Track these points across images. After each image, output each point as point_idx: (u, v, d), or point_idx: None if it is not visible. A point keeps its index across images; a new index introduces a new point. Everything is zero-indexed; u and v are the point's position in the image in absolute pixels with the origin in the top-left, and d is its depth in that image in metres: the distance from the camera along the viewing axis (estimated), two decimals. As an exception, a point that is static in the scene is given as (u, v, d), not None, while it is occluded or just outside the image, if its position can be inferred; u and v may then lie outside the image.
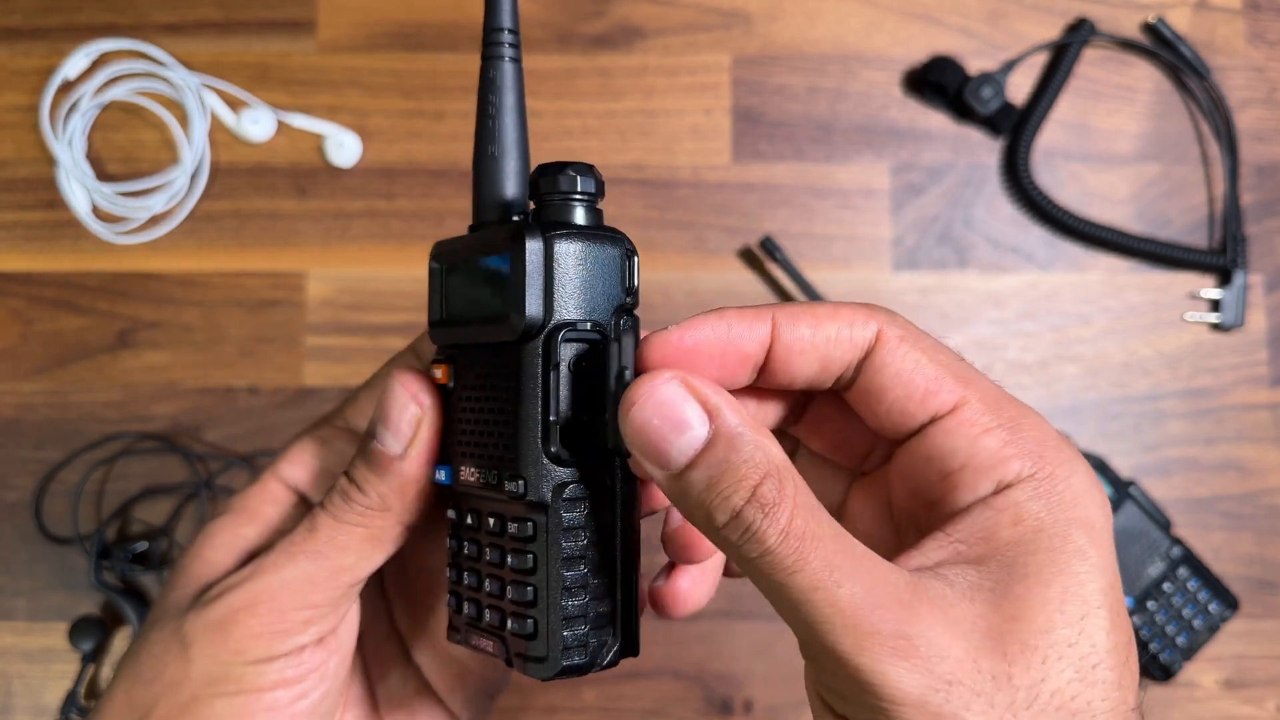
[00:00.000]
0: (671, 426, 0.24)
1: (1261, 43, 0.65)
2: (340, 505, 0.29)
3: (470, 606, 0.29)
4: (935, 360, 0.26)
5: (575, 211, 0.27)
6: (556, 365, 0.26)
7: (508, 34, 0.29)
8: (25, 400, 0.63)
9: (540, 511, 0.26)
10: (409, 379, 0.29)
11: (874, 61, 0.64)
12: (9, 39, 0.65)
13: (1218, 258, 0.62)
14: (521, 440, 0.26)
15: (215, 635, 0.29)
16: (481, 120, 0.29)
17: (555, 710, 0.60)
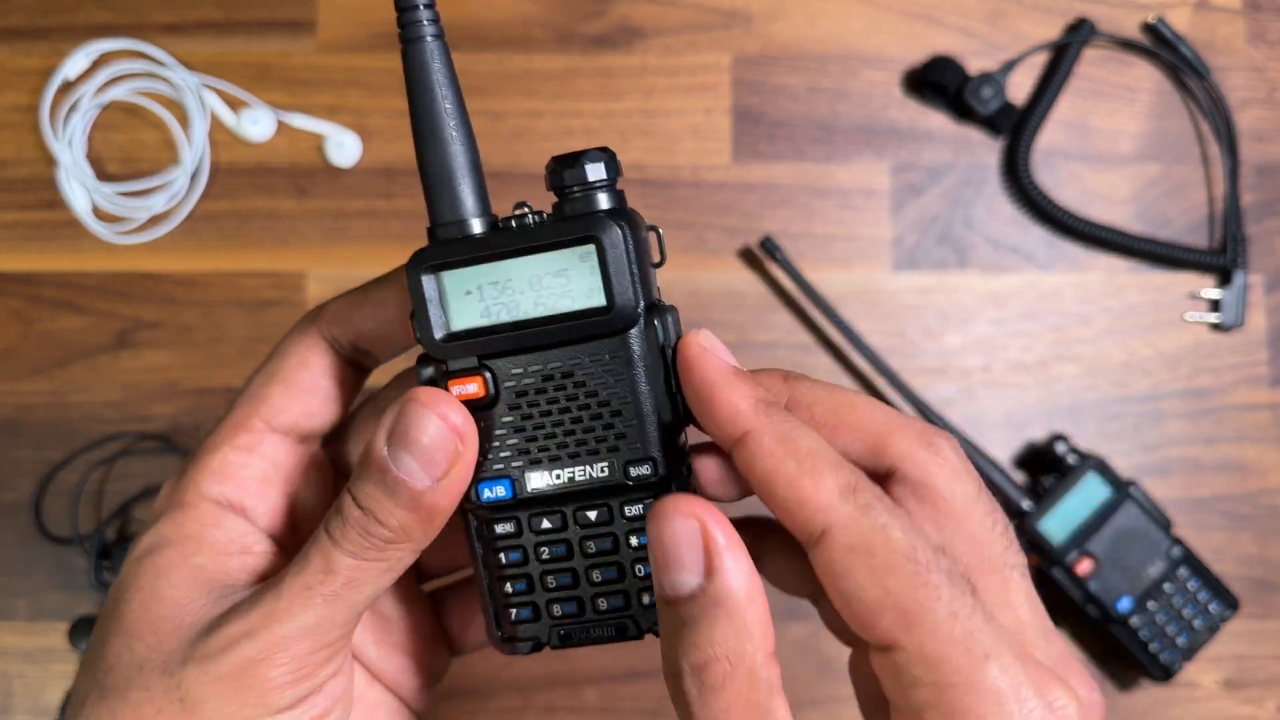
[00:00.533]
0: (672, 560, 0.24)
1: (1262, 43, 0.65)
2: (358, 541, 0.27)
3: (564, 606, 0.29)
4: (881, 584, 0.24)
5: (609, 197, 0.28)
6: (663, 346, 0.27)
7: (424, 10, 0.28)
8: (25, 400, 0.63)
9: (665, 486, 0.28)
10: (436, 400, 0.27)
11: (874, 61, 0.64)
12: (9, 39, 0.65)
13: (1218, 258, 0.62)
14: (646, 423, 0.27)
15: (229, 691, 0.26)
16: (427, 111, 0.28)
17: (555, 710, 0.60)
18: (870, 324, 0.62)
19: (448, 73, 0.28)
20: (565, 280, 0.27)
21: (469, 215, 0.28)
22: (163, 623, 0.27)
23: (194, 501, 0.30)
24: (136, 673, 0.27)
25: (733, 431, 0.26)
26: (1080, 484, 0.58)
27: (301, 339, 0.31)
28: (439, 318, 0.28)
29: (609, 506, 0.28)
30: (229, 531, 0.30)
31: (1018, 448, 0.62)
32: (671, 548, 0.24)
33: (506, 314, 0.28)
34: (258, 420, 0.30)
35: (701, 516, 0.24)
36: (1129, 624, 0.57)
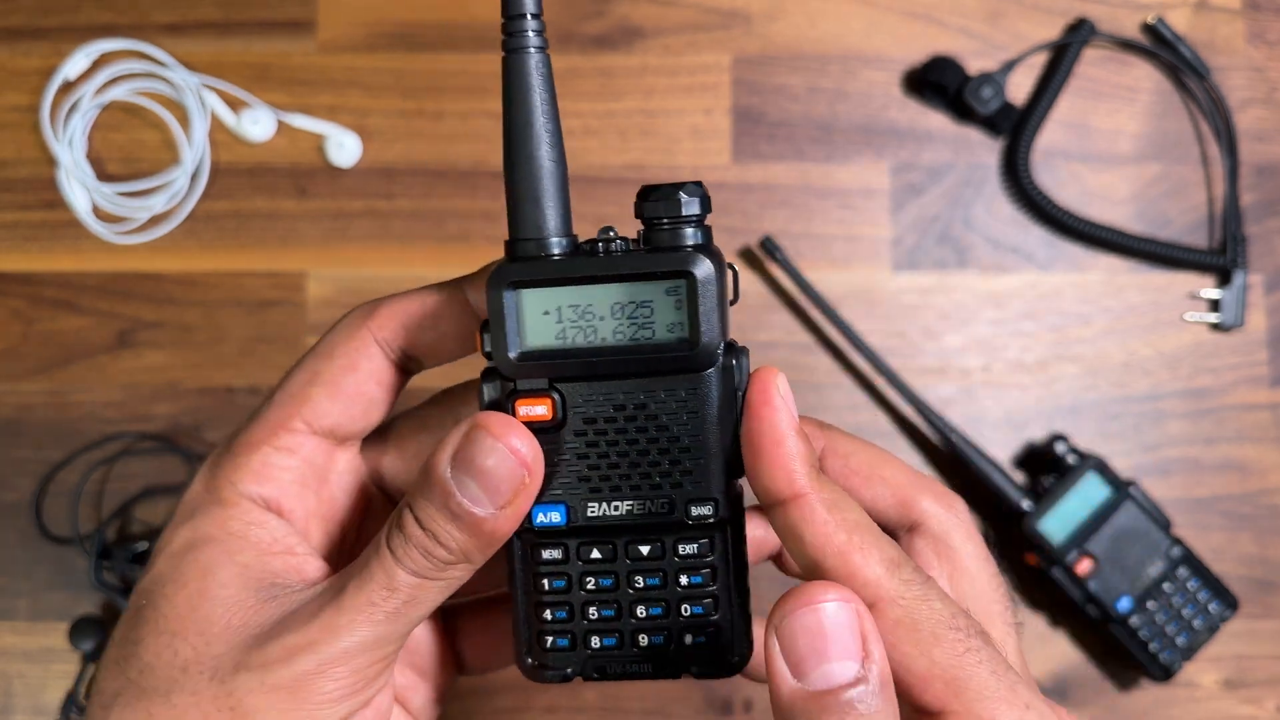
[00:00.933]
0: (832, 647, 0.23)
1: (1261, 43, 0.65)
2: (420, 561, 0.26)
3: (604, 639, 0.29)
4: (928, 654, 0.25)
5: (697, 233, 0.27)
6: (736, 388, 0.27)
7: (531, 20, 0.27)
8: (25, 400, 0.63)
9: (722, 528, 0.28)
10: (505, 429, 0.26)
11: (874, 61, 0.64)
12: (9, 39, 0.65)
13: (1218, 258, 0.62)
14: (713, 463, 0.27)
15: (286, 701, 0.26)
16: (522, 122, 0.27)
17: (556, 710, 0.60)
18: (870, 324, 0.62)
19: (548, 88, 0.27)
20: (649, 312, 0.27)
21: (552, 234, 0.28)
22: (211, 623, 0.27)
23: (234, 499, 0.29)
24: (181, 675, 0.26)
25: (786, 491, 0.26)
26: (1080, 484, 0.58)
27: (351, 340, 0.30)
28: (515, 335, 0.27)
29: (663, 543, 0.28)
30: (272, 532, 0.29)
31: (1017, 448, 0.62)
32: (834, 635, 0.23)
33: (584, 339, 0.27)
34: (299, 421, 0.30)
35: (854, 599, 0.23)
36: (1129, 624, 0.57)
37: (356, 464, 0.32)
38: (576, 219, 0.29)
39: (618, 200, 0.62)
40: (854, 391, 0.62)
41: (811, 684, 0.23)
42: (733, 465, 0.28)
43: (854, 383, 0.62)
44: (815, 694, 0.23)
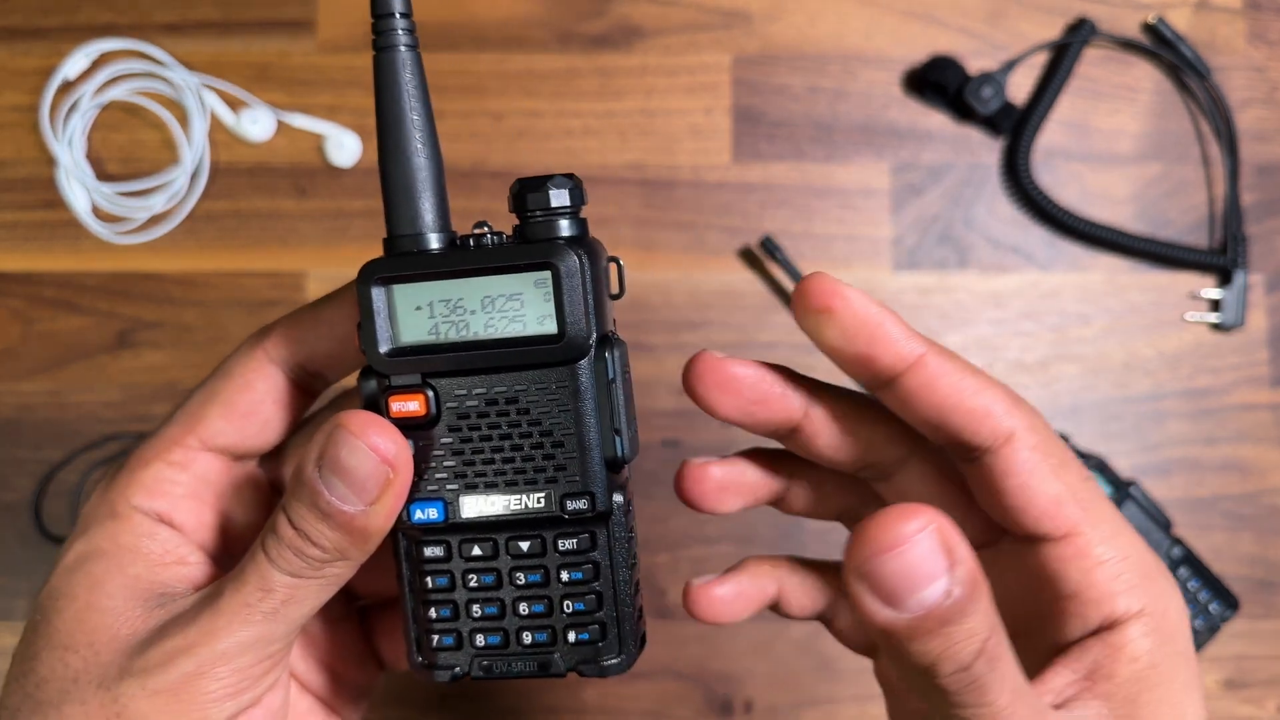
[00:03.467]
0: (921, 576, 0.23)
1: (1262, 42, 0.65)
2: (293, 561, 0.26)
3: (488, 637, 0.28)
4: (1061, 479, 0.27)
5: (571, 224, 0.27)
6: (612, 379, 0.27)
7: (400, 19, 0.27)
8: (24, 400, 0.63)
9: (602, 522, 0.28)
10: (365, 427, 0.26)
11: (874, 61, 0.64)
12: (8, 39, 0.65)
13: (1218, 258, 0.62)
14: (588, 456, 0.27)
15: (169, 704, 0.26)
16: (393, 121, 0.27)
17: (555, 710, 0.60)
18: (870, 324, 0.62)
19: (418, 84, 0.27)
20: (518, 305, 0.27)
21: (427, 230, 0.28)
22: (98, 634, 0.27)
23: (126, 513, 0.29)
24: (71, 686, 0.27)
25: (909, 352, 0.27)
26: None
27: (247, 360, 0.30)
28: (385, 331, 0.27)
29: (542, 538, 0.28)
30: (163, 543, 0.29)
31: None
32: (925, 561, 0.22)
33: (455, 333, 0.27)
34: (193, 438, 0.30)
35: (935, 517, 0.23)
36: (1129, 624, 0.57)
37: (257, 477, 0.33)
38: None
39: (618, 200, 0.62)
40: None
41: (909, 610, 0.23)
42: (612, 459, 0.27)
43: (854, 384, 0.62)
44: (915, 619, 0.23)
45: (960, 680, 0.23)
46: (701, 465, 0.31)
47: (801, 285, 0.27)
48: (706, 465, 0.31)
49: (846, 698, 0.60)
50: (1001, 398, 0.27)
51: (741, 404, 0.29)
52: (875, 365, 0.27)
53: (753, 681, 0.60)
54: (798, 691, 0.60)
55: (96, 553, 0.29)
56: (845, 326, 0.27)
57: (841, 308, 0.27)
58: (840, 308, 0.27)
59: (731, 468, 0.31)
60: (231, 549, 0.32)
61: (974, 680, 0.23)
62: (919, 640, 0.23)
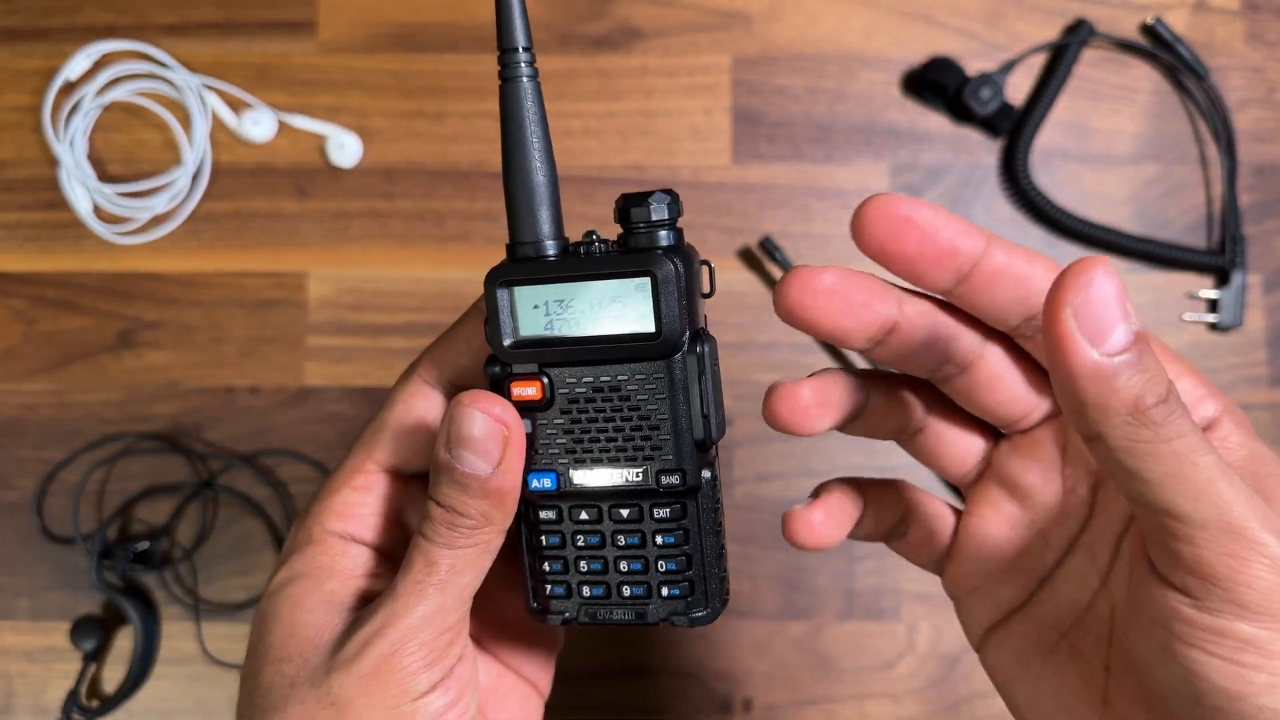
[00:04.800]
0: (1118, 313, 0.25)
1: (1260, 43, 0.65)
2: (448, 534, 0.30)
3: (593, 589, 0.33)
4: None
5: (669, 235, 0.31)
6: (702, 371, 0.31)
7: (523, 53, 0.31)
8: (26, 400, 0.63)
9: (692, 495, 0.32)
10: (481, 400, 0.30)
11: (873, 62, 0.65)
12: (10, 40, 0.65)
13: (1216, 258, 0.62)
14: (680, 438, 0.31)
15: (373, 686, 0.30)
16: (515, 142, 0.31)
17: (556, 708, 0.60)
18: (869, 324, 0.62)
19: (538, 110, 0.31)
20: (622, 305, 0.31)
21: (544, 238, 0.31)
22: (305, 645, 0.31)
23: (320, 537, 0.34)
24: (290, 690, 0.31)
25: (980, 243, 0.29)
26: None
27: (406, 386, 0.35)
28: (508, 326, 0.31)
29: (640, 507, 0.32)
30: (354, 560, 0.33)
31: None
32: (1118, 300, 0.25)
33: (567, 329, 0.31)
34: (371, 463, 0.34)
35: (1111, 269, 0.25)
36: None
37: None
38: (577, 218, 0.31)
39: (618, 200, 0.62)
40: (853, 391, 0.62)
41: (1110, 349, 0.25)
42: (700, 440, 0.31)
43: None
44: (1126, 345, 0.25)
45: (1163, 411, 0.25)
46: (792, 385, 0.32)
47: (869, 210, 0.29)
48: (797, 385, 0.31)
49: (845, 696, 0.60)
50: (1055, 266, 0.29)
51: (847, 308, 0.30)
52: (959, 258, 0.29)
53: (752, 680, 0.60)
54: (797, 690, 0.60)
55: (297, 576, 0.33)
56: (927, 233, 0.29)
57: (917, 215, 0.29)
58: (916, 215, 0.29)
59: (820, 384, 0.32)
60: None
61: (1173, 410, 0.25)
62: (1125, 376, 0.25)
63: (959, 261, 0.29)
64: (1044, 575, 0.32)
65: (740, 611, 0.61)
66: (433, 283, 0.63)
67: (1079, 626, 0.31)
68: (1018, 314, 0.30)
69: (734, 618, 0.61)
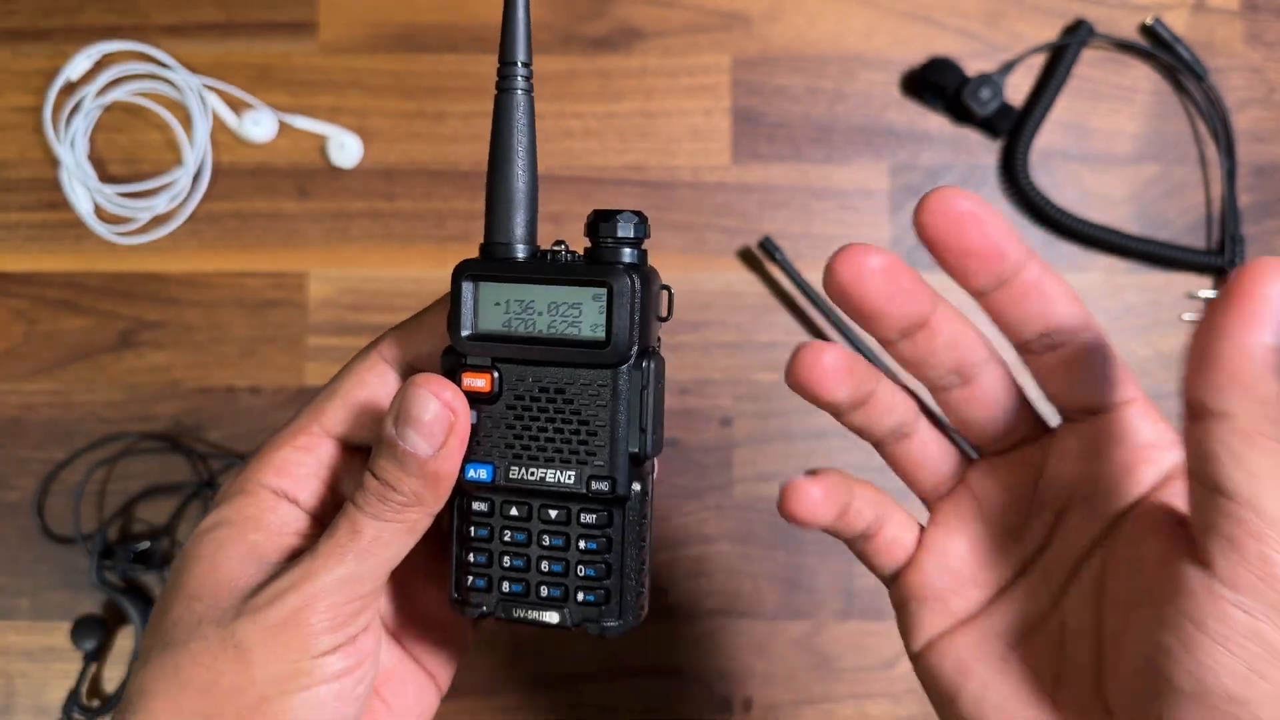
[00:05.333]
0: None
1: (1259, 44, 0.65)
2: (378, 505, 0.31)
3: (513, 585, 0.34)
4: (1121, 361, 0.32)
5: (632, 253, 0.32)
6: (645, 386, 0.32)
7: (520, 67, 0.32)
8: (27, 400, 0.63)
9: (619, 505, 0.33)
10: (434, 384, 0.31)
11: (873, 63, 0.65)
12: (11, 40, 0.65)
13: (1216, 258, 0.62)
14: (615, 447, 0.32)
15: (278, 636, 0.31)
16: (502, 148, 0.33)
17: (555, 708, 0.60)
18: (869, 324, 0.62)
19: (528, 122, 0.33)
20: (577, 312, 0.32)
21: (516, 241, 0.33)
22: (219, 586, 0.32)
23: (253, 489, 0.34)
24: (196, 627, 0.31)
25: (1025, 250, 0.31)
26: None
27: (362, 362, 0.35)
28: (469, 319, 0.33)
29: (568, 510, 0.33)
30: (282, 516, 0.34)
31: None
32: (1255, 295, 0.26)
33: (524, 328, 0.32)
34: (317, 426, 0.35)
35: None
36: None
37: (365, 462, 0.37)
38: (577, 218, 0.31)
39: (617, 201, 0.63)
40: (853, 391, 0.62)
41: (1276, 342, 0.25)
42: (635, 453, 0.32)
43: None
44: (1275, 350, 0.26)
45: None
46: (817, 349, 0.33)
47: (934, 199, 0.30)
48: (822, 348, 0.33)
49: (844, 696, 0.60)
50: (1073, 292, 0.31)
51: (894, 292, 0.31)
52: (1005, 262, 0.30)
53: (751, 680, 0.60)
54: (796, 690, 0.60)
55: (224, 522, 0.34)
56: (986, 229, 0.30)
57: (979, 212, 0.30)
58: (979, 211, 0.30)
59: (848, 354, 0.33)
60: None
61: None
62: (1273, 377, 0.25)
63: (1004, 266, 0.31)
64: (999, 590, 0.34)
65: (740, 611, 0.61)
66: (433, 283, 0.63)
67: (1028, 641, 0.33)
68: (1034, 329, 0.31)
69: (734, 617, 0.61)
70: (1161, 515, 0.30)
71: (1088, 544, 0.32)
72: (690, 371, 0.62)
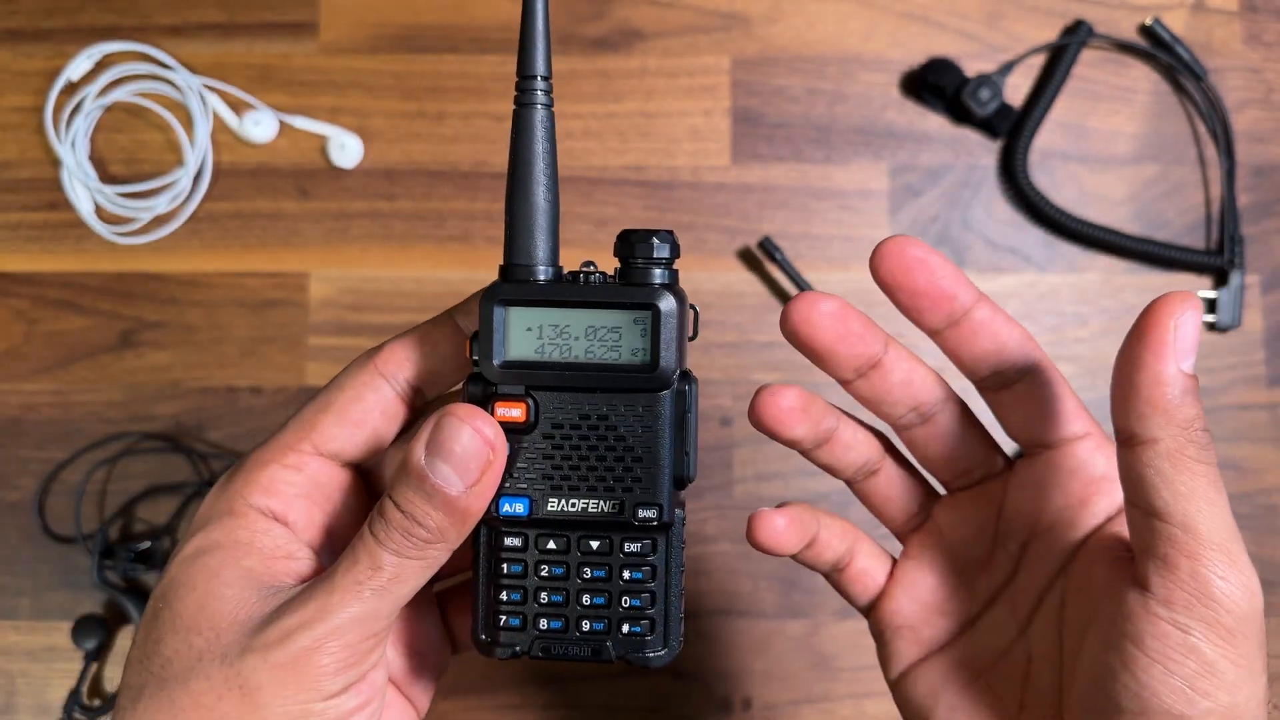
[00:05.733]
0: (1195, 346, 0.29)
1: (1258, 44, 0.65)
2: (400, 541, 0.29)
3: (551, 622, 0.32)
4: (1075, 397, 0.33)
5: (665, 274, 0.32)
6: (688, 409, 0.32)
7: (541, 81, 0.31)
8: (28, 400, 0.63)
9: (664, 531, 0.32)
10: (475, 418, 0.29)
11: (872, 63, 0.65)
12: (12, 41, 0.65)
13: (1215, 258, 0.62)
14: (661, 473, 0.31)
15: (288, 676, 0.29)
16: (522, 166, 0.31)
17: (555, 707, 0.60)
18: (869, 324, 0.62)
19: (549, 138, 0.32)
20: (617, 336, 0.31)
21: (540, 262, 0.32)
22: (219, 618, 0.30)
23: (243, 510, 0.32)
24: (196, 664, 0.29)
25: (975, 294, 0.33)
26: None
27: (358, 374, 0.34)
28: (500, 346, 0.31)
29: (610, 540, 0.32)
30: (275, 539, 0.32)
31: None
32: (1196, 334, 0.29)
33: (559, 354, 0.31)
34: (307, 444, 0.33)
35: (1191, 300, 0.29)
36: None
37: (359, 484, 0.35)
38: (577, 218, 0.31)
39: (617, 201, 0.63)
40: (853, 391, 0.62)
41: (1188, 369, 0.28)
42: (679, 478, 0.32)
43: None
44: (1188, 379, 0.28)
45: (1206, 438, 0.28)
46: (775, 390, 0.34)
47: (887, 246, 0.32)
48: (780, 390, 0.34)
49: (844, 695, 0.60)
50: (1026, 333, 0.33)
51: (844, 334, 0.32)
52: (955, 303, 0.32)
53: (751, 679, 0.60)
54: (796, 689, 0.60)
55: (214, 546, 0.32)
56: (934, 273, 0.32)
57: (928, 258, 0.32)
58: (928, 258, 0.32)
59: (806, 394, 0.34)
60: (335, 547, 0.34)
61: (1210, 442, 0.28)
62: (1193, 395, 0.28)
63: (954, 306, 0.32)
64: (968, 620, 0.35)
65: (740, 611, 0.61)
66: (433, 283, 0.63)
67: (995, 669, 0.34)
68: (988, 366, 0.33)
69: (733, 617, 0.61)
70: (1111, 543, 0.32)
71: (1050, 575, 0.33)
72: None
